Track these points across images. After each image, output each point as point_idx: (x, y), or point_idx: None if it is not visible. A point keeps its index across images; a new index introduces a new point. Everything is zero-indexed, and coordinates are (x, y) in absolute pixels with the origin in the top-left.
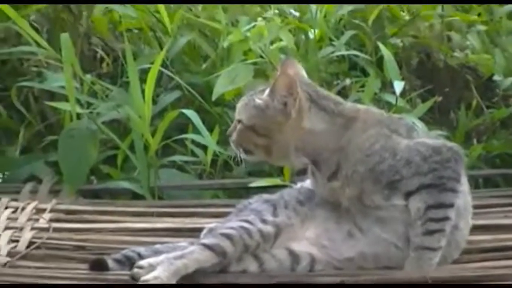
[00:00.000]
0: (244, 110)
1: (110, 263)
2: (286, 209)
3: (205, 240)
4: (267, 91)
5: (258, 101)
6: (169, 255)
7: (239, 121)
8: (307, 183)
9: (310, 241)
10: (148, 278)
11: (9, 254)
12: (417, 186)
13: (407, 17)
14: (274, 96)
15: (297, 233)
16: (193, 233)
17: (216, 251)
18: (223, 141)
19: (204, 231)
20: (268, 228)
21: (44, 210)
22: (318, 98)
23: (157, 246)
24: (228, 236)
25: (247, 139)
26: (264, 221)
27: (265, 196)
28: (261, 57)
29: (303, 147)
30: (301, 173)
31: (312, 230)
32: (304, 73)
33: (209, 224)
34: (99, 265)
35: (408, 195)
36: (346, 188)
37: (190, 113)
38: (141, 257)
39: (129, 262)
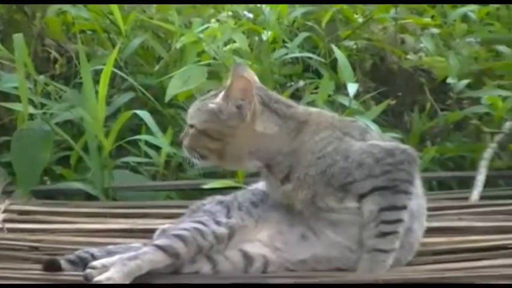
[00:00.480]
0: (196, 114)
1: (63, 264)
2: (240, 210)
3: (158, 241)
4: (221, 95)
5: (211, 105)
6: (123, 256)
7: (191, 126)
8: (261, 185)
9: (263, 243)
10: (101, 278)
11: None
12: (370, 189)
13: (360, 20)
14: (228, 99)
15: (251, 234)
16: (146, 234)
17: (169, 252)
18: (176, 142)
19: (157, 232)
20: (222, 230)
21: None
22: (270, 101)
23: (110, 247)
24: (181, 237)
25: (200, 144)
26: (217, 223)
27: (219, 197)
28: (215, 58)
29: (255, 150)
30: (256, 175)
31: (266, 232)
32: (255, 78)
33: (162, 225)
34: (52, 266)
35: (361, 197)
36: (298, 191)
37: (143, 114)
38: (94, 257)
39: (82, 263)
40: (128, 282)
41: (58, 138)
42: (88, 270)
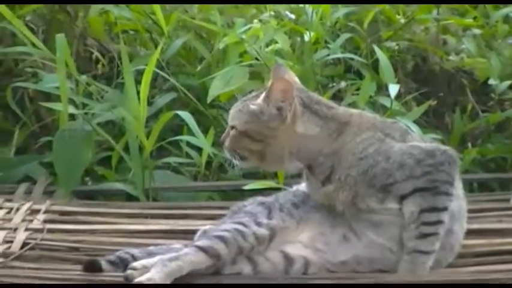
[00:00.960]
0: (238, 115)
1: (104, 265)
2: (281, 211)
3: (199, 243)
4: (262, 96)
5: (252, 106)
6: (164, 257)
7: (232, 127)
8: (303, 186)
9: (304, 244)
10: (142, 279)
11: (3, 255)
12: (411, 190)
13: (402, 20)
14: (269, 101)
15: (292, 236)
16: (187, 235)
17: (210, 253)
18: (218, 143)
19: (198, 234)
20: (263, 231)
21: (38, 211)
22: (311, 102)
23: (151, 248)
24: (222, 238)
25: (241, 145)
26: (258, 224)
27: (260, 198)
28: (257, 59)
29: (296, 152)
30: (297, 176)
31: (307, 233)
32: (296, 79)
33: (203, 226)
34: (92, 266)
35: (402, 198)
36: (340, 192)
37: (184, 114)
38: (134, 258)
39: (122, 264)
40: (168, 283)
41: (99, 138)
42: (129, 271)
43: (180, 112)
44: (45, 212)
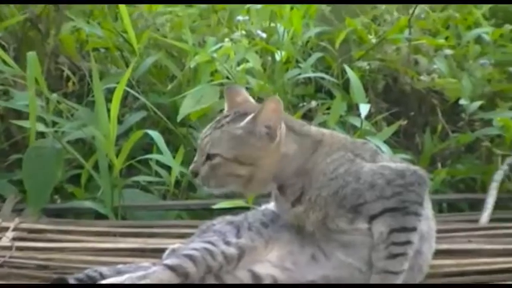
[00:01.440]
0: (219, 143)
1: (72, 282)
2: (250, 230)
3: (168, 261)
4: (248, 118)
5: (237, 130)
6: (132, 275)
7: (214, 155)
8: (271, 205)
9: (273, 263)
10: None
11: None
12: (381, 210)
13: (374, 40)
14: (258, 121)
15: (260, 255)
16: (156, 253)
17: (178, 271)
18: (187, 162)
19: (167, 252)
20: (231, 250)
21: (7, 229)
22: (287, 120)
23: (120, 266)
24: (190, 257)
25: (225, 172)
26: (227, 243)
27: (229, 218)
28: (228, 78)
29: (279, 172)
30: (266, 195)
31: (275, 252)
32: (250, 98)
33: (172, 244)
34: (61, 284)
35: (372, 218)
36: (310, 213)
37: (154, 134)
38: (103, 276)
39: (91, 281)
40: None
41: (69, 156)
42: None
43: (149, 131)
44: (14, 229)
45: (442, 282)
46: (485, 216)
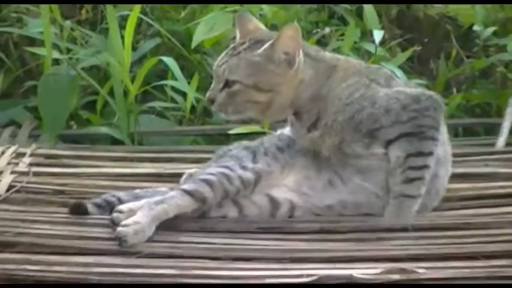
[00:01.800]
0: (238, 69)
1: (90, 207)
2: (266, 155)
3: (186, 186)
4: (266, 45)
5: (255, 57)
6: (150, 200)
7: (232, 82)
8: (287, 130)
9: (290, 188)
10: (128, 222)
11: None
12: (396, 135)
13: None
14: (276, 47)
15: (277, 179)
16: (173, 178)
17: (196, 196)
18: (202, 88)
19: (184, 177)
20: (248, 175)
21: (23, 155)
22: (303, 46)
23: (137, 191)
24: (207, 182)
25: (243, 99)
26: (243, 168)
27: (245, 143)
28: (241, 5)
29: (296, 98)
30: (281, 121)
31: (292, 177)
32: (261, 25)
33: (189, 169)
34: (78, 209)
35: (388, 143)
36: (326, 138)
37: (168, 60)
38: (121, 201)
39: (109, 207)
40: (154, 226)
41: (84, 83)
42: (115, 214)
43: (164, 58)
44: (31, 155)
45: (458, 205)
46: (501, 141)
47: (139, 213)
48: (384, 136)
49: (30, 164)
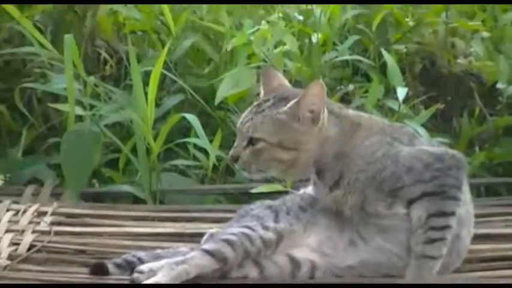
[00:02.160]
0: (263, 127)
1: (110, 267)
2: (288, 215)
3: (206, 246)
4: (291, 103)
5: (280, 115)
6: (170, 261)
7: (256, 140)
8: (310, 189)
9: (311, 248)
10: (148, 282)
11: (10, 257)
12: (419, 194)
13: (411, 23)
14: (302, 105)
15: (299, 239)
16: (194, 238)
17: (217, 256)
18: (225, 146)
19: (205, 237)
20: (270, 235)
21: (45, 213)
22: (327, 103)
23: (158, 251)
24: (229, 242)
25: (268, 157)
26: (265, 227)
27: (267, 202)
28: (264, 61)
29: (319, 156)
30: (304, 180)
31: (314, 237)
32: (286, 81)
33: (210, 229)
34: (99, 269)
35: (410, 203)
36: (348, 197)
37: (191, 117)
38: (141, 261)
39: (129, 267)
40: (175, 283)
41: (107, 140)
42: (135, 275)
43: (186, 114)
44: (52, 214)
45: (480, 267)
46: None
47: (160, 274)
48: (406, 195)
49: (52, 223)
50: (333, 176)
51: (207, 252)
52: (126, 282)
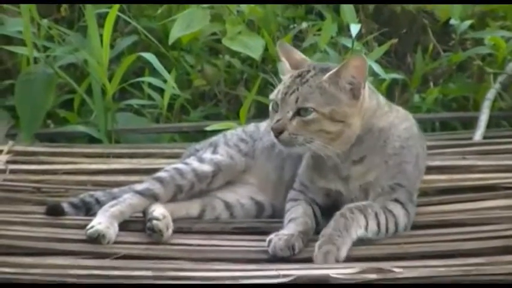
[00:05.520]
0: (312, 97)
1: (66, 207)
2: (227, 146)
3: (137, 186)
4: (331, 72)
5: (324, 83)
6: (105, 206)
7: (306, 110)
8: (261, 124)
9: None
10: (92, 224)
11: None
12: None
13: None
14: (340, 76)
15: (239, 173)
16: (150, 173)
17: (146, 194)
18: (179, 85)
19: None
20: (205, 167)
21: (0, 152)
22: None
23: (115, 190)
24: (158, 179)
25: (316, 128)
26: (201, 160)
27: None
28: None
29: (361, 129)
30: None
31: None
32: (302, 55)
33: (166, 164)
34: (55, 210)
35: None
36: (367, 175)
37: (149, 56)
38: (98, 202)
39: (85, 207)
40: (116, 225)
41: (61, 81)
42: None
43: (144, 54)
44: (8, 152)
45: (435, 200)
46: (478, 134)
47: (97, 217)
48: (398, 195)
49: (7, 162)
50: (361, 151)
51: (137, 192)
52: (82, 222)
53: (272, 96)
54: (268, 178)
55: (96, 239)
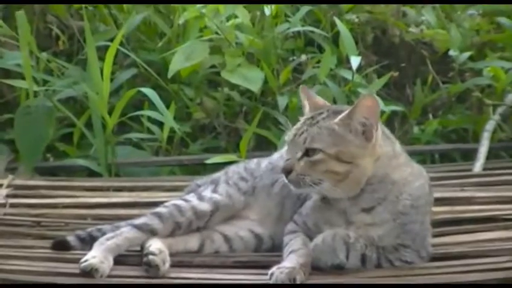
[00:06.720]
0: (320, 138)
1: (73, 240)
2: (228, 185)
3: (136, 221)
4: (343, 114)
5: (334, 126)
6: (101, 239)
7: (313, 150)
8: (257, 160)
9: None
10: (86, 258)
11: None
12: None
13: None
14: (352, 117)
15: (239, 211)
16: (150, 207)
17: (143, 229)
18: (179, 118)
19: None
20: (204, 205)
21: (0, 186)
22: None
23: (122, 223)
24: (157, 214)
25: (322, 169)
26: (201, 198)
27: (213, 175)
28: (217, 33)
29: (372, 174)
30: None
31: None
32: (321, 99)
33: (166, 198)
34: (61, 245)
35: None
36: (373, 229)
37: (148, 91)
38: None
39: (93, 242)
40: (111, 259)
41: (61, 115)
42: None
43: (143, 89)
44: (8, 186)
45: (435, 232)
46: (478, 166)
47: (92, 250)
48: (403, 254)
49: (7, 196)
50: (372, 200)
51: (134, 226)
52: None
53: (286, 137)
54: (268, 214)
55: (89, 272)
